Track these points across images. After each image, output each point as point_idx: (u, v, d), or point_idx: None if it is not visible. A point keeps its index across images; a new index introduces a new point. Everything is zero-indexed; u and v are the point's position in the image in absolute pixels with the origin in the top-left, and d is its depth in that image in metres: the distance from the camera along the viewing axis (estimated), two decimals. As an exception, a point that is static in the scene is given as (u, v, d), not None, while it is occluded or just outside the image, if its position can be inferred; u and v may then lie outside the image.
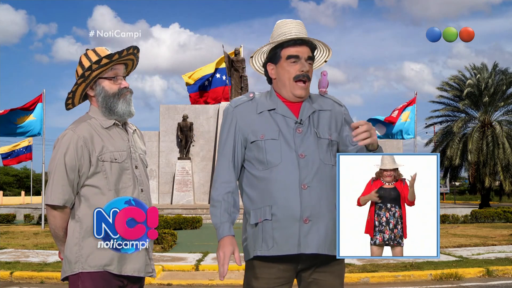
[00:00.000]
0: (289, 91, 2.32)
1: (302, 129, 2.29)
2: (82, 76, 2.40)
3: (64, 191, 2.30)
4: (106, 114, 2.44)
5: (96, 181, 2.33)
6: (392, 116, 16.36)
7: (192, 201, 21.91)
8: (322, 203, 2.22)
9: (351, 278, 7.40)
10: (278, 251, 2.21)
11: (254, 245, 2.27)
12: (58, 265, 8.12)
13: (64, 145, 2.33)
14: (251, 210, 2.30)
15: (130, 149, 2.45)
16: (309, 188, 2.21)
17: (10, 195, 46.44)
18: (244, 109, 2.35)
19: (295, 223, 2.19)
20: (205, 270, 8.04)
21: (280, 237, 2.21)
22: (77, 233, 2.31)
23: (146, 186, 2.49)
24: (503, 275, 7.83)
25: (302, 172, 2.22)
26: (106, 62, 2.38)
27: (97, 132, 2.39)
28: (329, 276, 2.31)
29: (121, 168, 2.38)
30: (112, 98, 2.43)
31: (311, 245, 2.19)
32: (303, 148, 2.26)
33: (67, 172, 2.31)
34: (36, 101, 14.66)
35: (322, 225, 2.21)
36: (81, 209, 2.33)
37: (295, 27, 2.34)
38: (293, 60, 2.30)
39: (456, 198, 38.54)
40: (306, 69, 2.30)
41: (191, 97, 24.98)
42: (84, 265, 2.28)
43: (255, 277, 2.29)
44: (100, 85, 2.43)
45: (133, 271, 2.34)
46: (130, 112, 2.46)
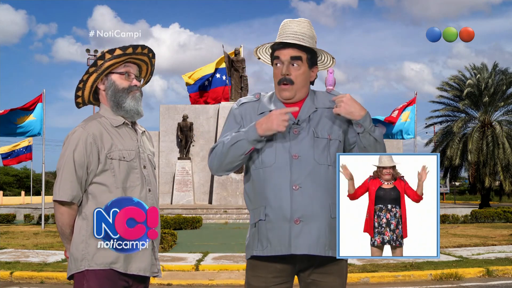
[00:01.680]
0: (278, 94, 2.37)
1: (299, 129, 2.30)
2: (95, 64, 2.40)
3: (73, 187, 2.31)
4: (114, 109, 2.45)
5: (104, 179, 2.33)
6: (392, 116, 16.34)
7: (192, 201, 21.91)
8: (315, 204, 2.22)
9: (351, 278, 7.40)
10: (272, 251, 2.24)
11: (252, 244, 2.32)
12: (58, 265, 8.12)
13: (74, 141, 2.34)
14: (250, 210, 2.35)
15: (139, 149, 2.46)
16: (301, 189, 2.22)
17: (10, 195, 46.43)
18: (248, 107, 2.40)
19: (286, 223, 2.21)
20: (205, 270, 8.03)
21: (273, 237, 2.23)
22: (84, 230, 2.31)
23: (154, 186, 2.50)
24: (503, 275, 7.83)
25: (294, 173, 2.23)
26: (119, 53, 2.39)
27: (106, 130, 2.40)
28: (329, 277, 2.31)
29: (129, 166, 2.39)
30: (121, 92, 2.44)
31: (302, 246, 2.20)
32: (297, 149, 2.26)
33: (76, 169, 2.31)
34: (36, 101, 14.64)
35: (314, 226, 2.21)
36: (89, 206, 2.33)
37: (292, 27, 2.34)
38: (275, 63, 2.35)
39: (456, 198, 38.52)
40: (285, 72, 2.31)
41: (191, 97, 24.98)
42: (91, 262, 2.28)
43: (253, 276, 2.33)
44: (111, 79, 2.45)
45: (139, 270, 2.34)
46: (137, 110, 2.47)
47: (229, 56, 23.46)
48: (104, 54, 2.39)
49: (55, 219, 2.42)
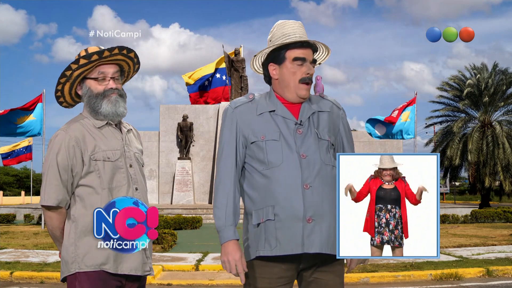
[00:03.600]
0: (293, 92, 2.33)
1: (303, 130, 2.30)
2: (64, 75, 2.39)
3: (58, 191, 2.30)
4: (92, 114, 2.43)
5: (90, 180, 2.33)
6: (392, 116, 16.35)
7: (192, 201, 21.91)
8: (324, 203, 2.23)
9: (351, 278, 7.40)
10: (281, 251, 2.22)
11: (256, 245, 2.28)
12: (58, 265, 8.12)
13: (56, 145, 2.33)
14: (253, 210, 2.30)
15: (124, 147, 2.44)
16: (312, 188, 2.22)
17: (10, 195, 46.41)
18: (244, 110, 2.37)
19: (298, 222, 2.20)
20: (205, 270, 8.03)
21: (283, 237, 2.21)
22: (73, 233, 2.31)
23: (141, 185, 2.48)
24: (503, 275, 7.83)
25: (304, 172, 2.23)
26: (84, 62, 2.36)
27: (89, 132, 2.39)
28: (330, 275, 2.32)
29: (115, 166, 2.37)
30: (95, 98, 2.41)
31: (315, 244, 2.20)
32: (304, 149, 2.27)
33: (60, 172, 2.31)
34: (36, 101, 14.65)
35: (325, 224, 2.22)
36: (77, 209, 2.33)
37: (298, 29, 2.35)
38: (299, 63, 2.32)
39: (456, 198, 38.50)
40: (312, 72, 2.35)
41: (191, 97, 24.98)
42: (81, 264, 2.28)
43: (257, 277, 2.29)
44: (87, 85, 2.43)
45: (130, 270, 2.33)
46: (116, 112, 2.42)
47: (229, 56, 23.46)
48: (70, 65, 2.36)
49: (45, 222, 2.42)
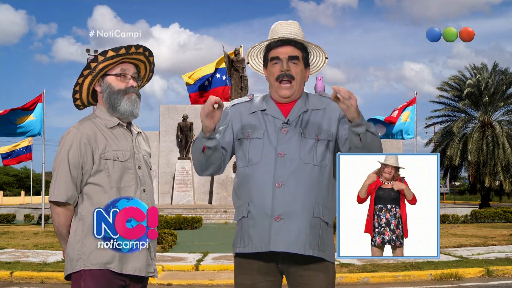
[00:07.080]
0: (275, 92, 2.37)
1: (288, 129, 2.31)
2: (88, 67, 2.41)
3: (67, 187, 2.32)
4: (109, 111, 2.45)
5: (99, 179, 2.34)
6: (392, 116, 16.35)
7: (192, 201, 21.91)
8: (296, 202, 2.22)
9: (351, 278, 7.41)
10: (253, 248, 2.26)
11: (236, 242, 2.35)
12: (58, 265, 8.12)
13: (68, 142, 2.35)
14: (235, 208, 2.37)
15: (134, 149, 2.47)
16: (284, 187, 2.22)
17: (10, 195, 46.43)
18: (239, 108, 2.43)
19: (267, 220, 2.22)
20: (205, 270, 8.04)
21: (254, 234, 2.25)
22: (80, 230, 2.32)
23: (149, 186, 2.50)
24: (503, 275, 7.83)
25: (278, 171, 2.24)
26: (112, 54, 2.40)
27: (101, 131, 2.41)
28: (315, 275, 2.29)
29: (124, 167, 2.39)
30: (116, 94, 2.44)
31: (280, 243, 2.20)
32: (284, 147, 2.27)
33: (70, 169, 2.32)
34: (36, 101, 14.65)
35: (295, 224, 2.21)
36: (84, 207, 2.34)
37: (284, 28, 2.37)
38: (275, 62, 2.35)
39: (456, 198, 38.52)
40: (285, 67, 2.32)
41: (191, 97, 24.99)
42: (86, 262, 2.28)
43: (240, 273, 2.36)
44: (107, 81, 2.45)
45: (134, 270, 2.34)
46: (132, 112, 2.47)
47: (229, 56, 23.47)
48: (97, 56, 2.39)
49: (51, 219, 2.43)
